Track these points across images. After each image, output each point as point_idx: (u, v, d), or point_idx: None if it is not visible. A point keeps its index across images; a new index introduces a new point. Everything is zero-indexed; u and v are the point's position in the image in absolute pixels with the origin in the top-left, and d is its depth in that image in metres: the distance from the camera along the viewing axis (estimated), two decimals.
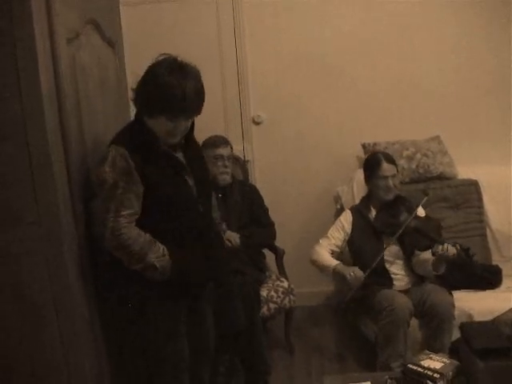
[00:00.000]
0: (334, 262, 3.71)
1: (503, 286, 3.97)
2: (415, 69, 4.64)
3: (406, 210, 3.71)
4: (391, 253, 3.73)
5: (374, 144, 4.47)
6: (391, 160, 3.80)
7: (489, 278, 3.93)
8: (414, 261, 3.74)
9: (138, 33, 4.33)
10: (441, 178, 4.43)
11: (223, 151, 3.84)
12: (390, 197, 3.75)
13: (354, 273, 3.52)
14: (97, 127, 2.83)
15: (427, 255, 3.60)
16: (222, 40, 4.54)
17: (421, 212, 3.80)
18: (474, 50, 4.62)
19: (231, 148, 3.94)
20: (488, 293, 3.88)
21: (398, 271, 3.76)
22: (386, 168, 3.74)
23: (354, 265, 3.77)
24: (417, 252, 3.69)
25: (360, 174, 4.47)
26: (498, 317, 3.65)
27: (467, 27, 4.58)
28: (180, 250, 2.59)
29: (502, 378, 2.55)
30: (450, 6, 4.54)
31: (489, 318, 3.58)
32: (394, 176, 3.76)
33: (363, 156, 4.53)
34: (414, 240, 3.61)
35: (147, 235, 2.52)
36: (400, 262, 3.76)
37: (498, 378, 2.54)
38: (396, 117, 4.69)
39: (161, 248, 2.53)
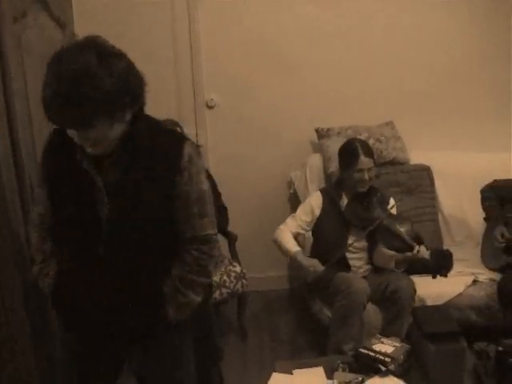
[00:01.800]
0: (294, 249, 3.66)
1: (454, 271, 4.01)
2: (369, 54, 4.63)
3: (378, 203, 3.67)
4: (355, 245, 3.69)
5: (328, 129, 4.47)
6: (369, 153, 3.68)
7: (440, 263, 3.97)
8: (376, 255, 3.71)
9: (90, 16, 4.21)
10: (393, 163, 4.45)
11: None
12: (364, 189, 3.67)
13: (314, 267, 3.50)
14: None
15: (385, 249, 3.60)
16: (175, 23, 4.43)
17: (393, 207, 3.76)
18: (426, 36, 4.64)
19: (181, 130, 3.89)
20: (439, 277, 3.92)
21: (358, 262, 3.74)
22: (364, 161, 3.61)
23: (313, 248, 3.77)
24: (379, 245, 3.66)
25: (313, 159, 4.49)
26: (449, 301, 3.71)
27: (417, 11, 4.60)
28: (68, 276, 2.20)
29: (452, 361, 2.57)
30: None
31: (440, 302, 3.64)
32: (370, 169, 3.65)
33: (317, 141, 4.53)
34: (385, 239, 3.55)
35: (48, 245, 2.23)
36: (362, 255, 3.75)
37: (448, 361, 2.57)
38: (350, 102, 4.68)
39: (45, 266, 2.22)
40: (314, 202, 3.77)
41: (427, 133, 4.72)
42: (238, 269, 3.94)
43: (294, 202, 4.63)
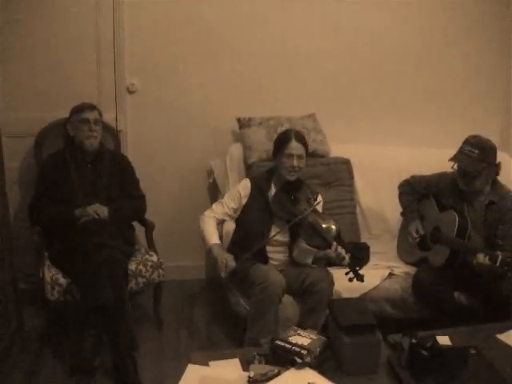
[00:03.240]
0: (212, 240, 3.59)
1: (371, 264, 4.06)
2: (294, 45, 4.63)
3: (306, 198, 3.64)
4: (277, 238, 3.64)
5: (249, 119, 4.44)
6: (302, 140, 3.64)
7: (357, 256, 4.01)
8: (295, 248, 3.68)
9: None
10: (314, 155, 4.45)
11: (89, 115, 3.74)
12: (293, 178, 3.63)
13: (226, 261, 3.43)
14: None
15: (306, 246, 3.57)
16: (98, 4, 4.27)
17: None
18: (350, 30, 4.69)
19: (99, 113, 3.83)
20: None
21: (277, 255, 3.70)
22: (294, 146, 3.58)
23: (235, 236, 3.77)
24: (300, 241, 3.63)
25: (234, 149, 4.46)
26: (365, 294, 3.75)
27: (343, 6, 4.63)
28: None
29: (367, 353, 2.59)
30: None
31: (356, 294, 3.67)
32: (300, 156, 3.60)
33: (238, 130, 4.49)
34: (307, 235, 3.50)
35: None
36: (283, 248, 3.71)
37: (363, 353, 2.58)
38: (273, 93, 4.67)
39: None
40: (242, 190, 3.70)
41: (348, 126, 4.77)
42: (154, 258, 3.86)
43: (213, 191, 4.61)
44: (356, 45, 4.72)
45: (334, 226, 3.47)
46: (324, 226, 3.46)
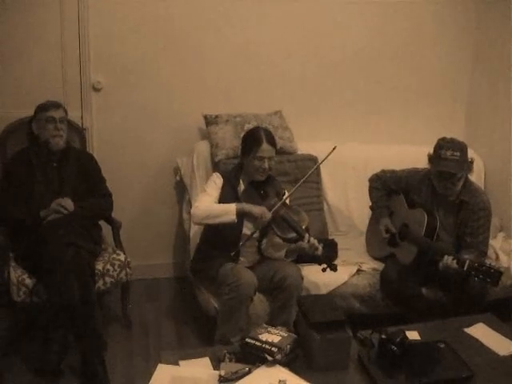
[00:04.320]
0: (231, 205, 3.48)
1: (339, 260, 4.08)
2: (259, 43, 4.62)
3: (275, 193, 3.64)
4: (249, 231, 3.63)
5: (216, 116, 4.42)
6: (272, 141, 3.63)
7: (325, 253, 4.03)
8: (267, 244, 3.69)
9: None
10: (281, 152, 4.45)
11: (54, 113, 3.67)
12: (263, 178, 3.63)
13: (264, 214, 3.42)
14: None
15: (279, 240, 3.57)
16: (63, 0, 4.21)
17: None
18: (316, 28, 4.69)
19: (65, 111, 3.77)
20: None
21: (247, 248, 3.68)
22: (265, 149, 3.56)
23: (206, 232, 3.74)
24: (271, 235, 3.62)
25: (201, 146, 4.44)
26: (334, 290, 3.77)
27: (308, 3, 4.63)
28: None
29: (337, 349, 2.61)
30: None
31: (325, 291, 3.70)
32: (271, 158, 3.60)
33: (205, 127, 4.47)
34: (280, 228, 3.49)
35: None
36: (253, 243, 3.69)
37: (333, 349, 2.60)
38: (240, 90, 4.66)
39: None
40: (217, 181, 3.68)
41: (314, 124, 4.80)
42: (122, 257, 3.83)
43: (180, 188, 4.59)
44: (321, 42, 4.72)
45: (305, 218, 3.52)
46: (296, 218, 3.48)
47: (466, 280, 3.46)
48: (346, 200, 4.64)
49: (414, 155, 4.08)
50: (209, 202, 3.57)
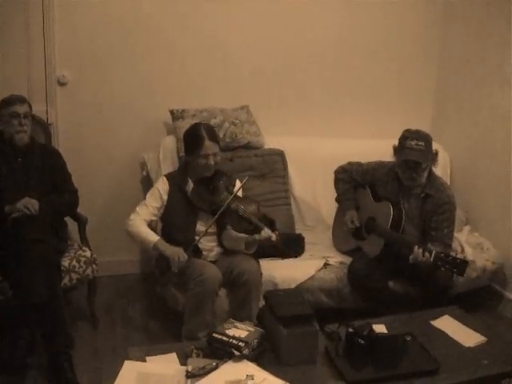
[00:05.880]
0: (153, 238, 3.55)
1: (306, 254, 4.09)
2: (225, 38, 4.61)
3: (225, 186, 3.64)
4: (204, 227, 3.63)
5: (183, 111, 4.40)
6: (214, 137, 3.64)
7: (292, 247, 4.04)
8: (225, 238, 3.67)
9: None
10: (248, 147, 4.46)
11: (19, 109, 3.60)
12: (210, 174, 3.63)
13: (178, 255, 3.41)
14: None
15: (235, 232, 3.57)
16: None
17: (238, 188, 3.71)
18: (286, 22, 4.70)
19: (29, 106, 3.70)
20: (291, 261, 3.98)
21: (208, 243, 3.69)
22: (208, 146, 3.56)
23: (163, 234, 3.70)
24: (228, 228, 3.61)
25: (167, 141, 4.43)
26: (301, 284, 3.78)
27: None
28: None
29: (304, 343, 2.62)
30: None
31: (292, 285, 3.70)
32: (215, 154, 3.60)
33: (171, 122, 4.45)
34: (234, 222, 3.51)
35: None
36: (213, 237, 3.70)
37: (300, 343, 2.61)
38: (206, 84, 4.64)
39: None
40: (160, 188, 3.69)
41: (281, 118, 4.80)
42: (88, 253, 3.80)
43: (147, 184, 4.55)
44: (289, 37, 4.73)
45: (256, 208, 3.55)
46: (248, 209, 3.50)
47: (433, 272, 3.49)
48: (314, 194, 4.65)
49: (381, 149, 4.08)
50: (145, 216, 3.65)
